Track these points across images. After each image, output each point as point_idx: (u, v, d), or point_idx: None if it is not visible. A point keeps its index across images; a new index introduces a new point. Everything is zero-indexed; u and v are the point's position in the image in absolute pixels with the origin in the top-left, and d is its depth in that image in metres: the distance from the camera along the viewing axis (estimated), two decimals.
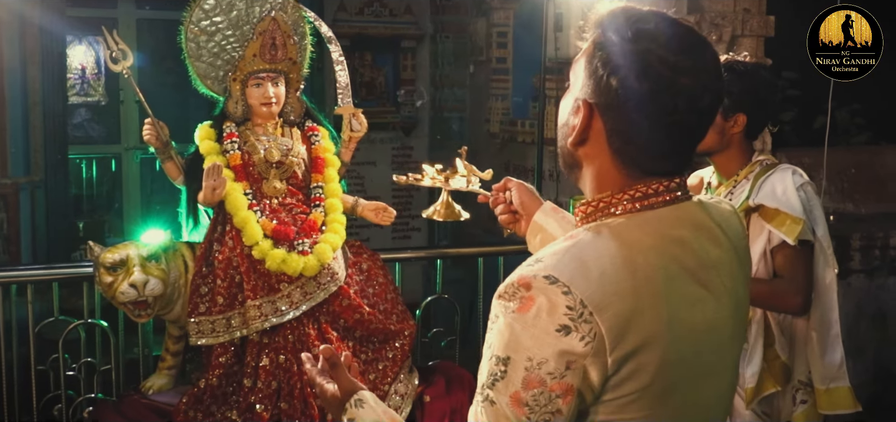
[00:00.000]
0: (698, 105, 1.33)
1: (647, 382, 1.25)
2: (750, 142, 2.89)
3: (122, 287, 3.12)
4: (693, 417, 1.35)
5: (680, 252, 1.33)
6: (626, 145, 1.35)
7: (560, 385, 1.22)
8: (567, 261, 1.26)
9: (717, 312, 1.36)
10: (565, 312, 1.21)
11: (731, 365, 1.45)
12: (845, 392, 2.82)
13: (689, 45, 1.34)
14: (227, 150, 3.30)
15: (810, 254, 2.75)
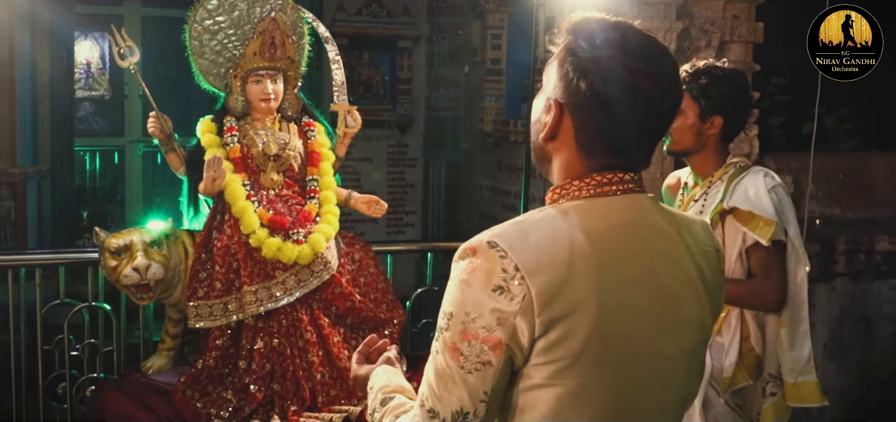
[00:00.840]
0: (657, 109, 1.48)
1: (578, 349, 1.38)
2: (725, 144, 3.02)
3: (126, 271, 3.27)
4: (635, 393, 1.46)
5: (622, 236, 1.47)
6: (591, 142, 1.49)
7: (491, 339, 1.37)
8: (511, 231, 1.42)
9: (660, 297, 1.48)
10: (501, 275, 1.36)
11: (683, 351, 1.53)
12: (812, 386, 2.95)
13: (651, 55, 1.49)
14: (227, 143, 3.45)
15: (784, 253, 2.89)
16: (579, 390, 1.41)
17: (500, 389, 1.41)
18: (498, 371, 1.39)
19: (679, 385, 1.55)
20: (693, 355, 1.57)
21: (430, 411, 1.43)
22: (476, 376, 1.39)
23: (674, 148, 3.02)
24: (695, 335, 1.56)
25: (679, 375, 1.54)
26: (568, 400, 1.41)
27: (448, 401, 1.41)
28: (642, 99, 1.46)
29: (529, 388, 1.42)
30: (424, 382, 1.46)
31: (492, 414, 1.43)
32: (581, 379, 1.40)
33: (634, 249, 1.48)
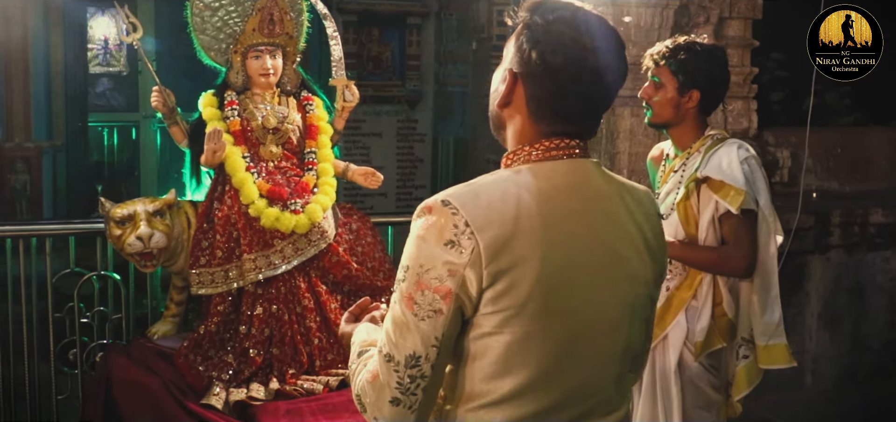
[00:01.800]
0: (602, 80, 1.62)
1: (523, 299, 1.52)
2: (704, 117, 3.12)
3: (130, 239, 3.42)
4: (577, 341, 1.59)
5: (566, 197, 1.60)
6: (541, 109, 1.62)
7: (442, 288, 1.51)
8: (464, 191, 1.56)
9: (602, 254, 1.61)
10: (452, 230, 1.51)
11: (624, 304, 1.66)
12: (782, 348, 3.07)
13: (598, 31, 1.62)
14: (228, 116, 3.59)
15: (754, 222, 3.00)
16: (525, 337, 1.54)
17: (450, 336, 1.55)
18: (448, 319, 1.52)
19: (621, 336, 1.67)
20: (634, 309, 1.69)
21: (387, 355, 1.57)
22: (428, 323, 1.53)
23: (654, 120, 3.13)
24: (636, 291, 1.69)
25: (620, 326, 1.67)
26: (515, 346, 1.54)
27: (403, 346, 1.55)
28: (588, 70, 1.59)
29: (480, 336, 1.56)
30: (383, 330, 1.60)
31: (442, 359, 1.56)
32: (526, 327, 1.54)
33: (578, 209, 1.61)
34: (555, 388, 1.59)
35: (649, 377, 3.16)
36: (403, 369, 1.55)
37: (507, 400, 1.58)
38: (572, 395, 1.62)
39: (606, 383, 1.67)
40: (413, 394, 1.55)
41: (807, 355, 5.70)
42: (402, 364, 1.55)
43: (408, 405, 1.56)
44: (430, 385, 1.56)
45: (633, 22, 5.07)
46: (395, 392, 1.56)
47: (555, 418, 1.60)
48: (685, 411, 3.11)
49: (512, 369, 1.56)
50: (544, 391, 1.58)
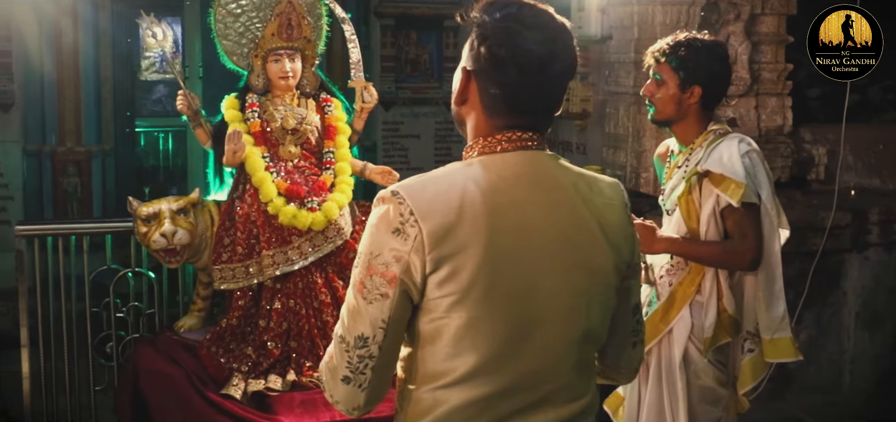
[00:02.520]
0: (548, 71, 1.67)
1: (466, 284, 1.59)
2: (707, 113, 3.15)
3: (155, 236, 3.58)
4: (527, 326, 1.65)
5: (514, 187, 1.66)
6: (494, 103, 1.70)
7: (388, 274, 1.60)
8: (414, 182, 1.65)
9: (555, 242, 1.67)
10: (399, 218, 1.60)
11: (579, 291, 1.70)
12: (787, 342, 3.07)
13: (544, 24, 1.68)
14: (248, 118, 3.72)
15: (757, 215, 3.01)
16: (472, 321, 1.61)
17: (397, 318, 1.63)
18: (393, 302, 1.61)
19: (577, 323, 1.71)
20: (592, 296, 1.73)
21: (340, 337, 1.67)
22: (375, 307, 1.62)
23: (657, 117, 3.17)
24: (593, 279, 1.73)
25: (576, 313, 1.71)
26: (464, 330, 1.62)
27: (353, 328, 1.65)
28: (533, 62, 1.65)
29: (433, 320, 1.64)
30: (341, 313, 1.69)
31: (390, 341, 1.65)
32: (472, 312, 1.61)
33: (529, 199, 1.67)
34: (506, 371, 1.65)
35: (655, 372, 3.19)
36: (353, 350, 1.64)
37: (461, 381, 1.65)
38: (526, 379, 1.67)
39: (564, 369, 1.71)
40: (362, 373, 1.64)
41: (845, 355, 5.63)
42: (352, 345, 1.64)
43: (358, 384, 1.65)
44: (379, 365, 1.65)
45: (659, 19, 5.08)
46: (346, 371, 1.65)
47: (509, 401, 1.67)
48: (691, 405, 3.13)
49: (463, 352, 1.63)
50: (496, 374, 1.64)
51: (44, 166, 6.82)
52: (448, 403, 1.66)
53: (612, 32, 5.56)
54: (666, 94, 3.11)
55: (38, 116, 6.83)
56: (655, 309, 3.15)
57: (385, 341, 1.64)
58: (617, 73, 5.52)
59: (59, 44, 6.73)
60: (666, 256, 3.17)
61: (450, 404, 1.66)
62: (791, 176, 5.78)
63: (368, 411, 1.70)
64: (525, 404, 1.68)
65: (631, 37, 5.21)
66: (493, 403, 1.66)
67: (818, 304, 5.52)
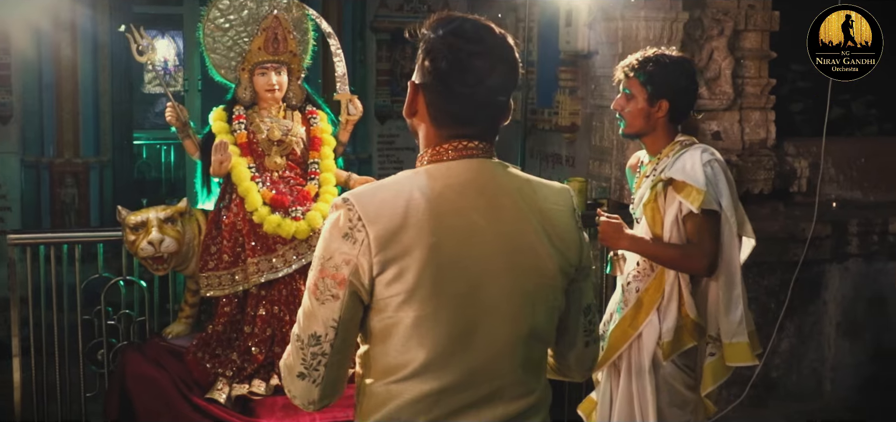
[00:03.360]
0: (487, 81, 1.77)
1: (412, 285, 1.69)
2: (674, 125, 3.26)
3: (142, 244, 3.69)
4: (473, 323, 1.75)
5: (459, 193, 1.76)
6: (440, 115, 1.80)
7: (338, 276, 1.70)
8: (365, 190, 1.77)
9: (499, 244, 1.77)
10: (349, 224, 1.70)
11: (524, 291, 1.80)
12: (745, 346, 3.17)
13: (484, 36, 1.78)
14: (235, 129, 3.84)
15: (717, 222, 3.12)
16: (419, 320, 1.71)
17: (348, 318, 1.73)
18: (343, 303, 1.71)
19: (522, 322, 1.81)
20: (537, 297, 1.83)
21: (296, 336, 1.78)
22: (327, 307, 1.72)
23: (628, 130, 3.28)
24: (539, 280, 1.83)
25: (522, 313, 1.81)
26: (412, 328, 1.72)
27: (307, 328, 1.75)
28: (476, 74, 1.75)
29: (383, 319, 1.74)
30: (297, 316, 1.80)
31: (342, 339, 1.75)
32: (419, 311, 1.71)
33: (474, 205, 1.77)
34: (455, 367, 1.75)
35: (626, 376, 3.29)
36: (307, 348, 1.75)
37: (412, 376, 1.75)
38: (474, 375, 1.76)
39: (511, 366, 1.81)
40: (316, 370, 1.75)
41: (826, 364, 5.72)
42: (307, 343, 1.75)
43: (312, 380, 1.76)
44: (331, 363, 1.75)
45: (642, 35, 5.19)
46: (301, 368, 1.76)
47: (460, 395, 1.76)
48: (660, 409, 3.22)
49: (413, 348, 1.73)
50: (445, 369, 1.74)
51: (42, 177, 6.93)
52: (402, 396, 1.75)
53: (598, 48, 5.67)
54: (635, 108, 3.22)
55: (37, 127, 6.95)
56: (624, 315, 3.25)
57: (336, 339, 1.74)
58: (602, 88, 5.63)
59: (57, 57, 6.86)
60: (633, 263, 3.27)
61: (403, 398, 1.75)
62: (773, 188, 5.88)
63: (324, 405, 1.81)
64: (475, 399, 1.77)
65: (616, 52, 5.31)
66: (445, 397, 1.75)
67: (799, 313, 5.62)
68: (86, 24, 6.87)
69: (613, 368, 3.33)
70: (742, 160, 5.76)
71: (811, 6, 5.77)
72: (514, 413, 1.82)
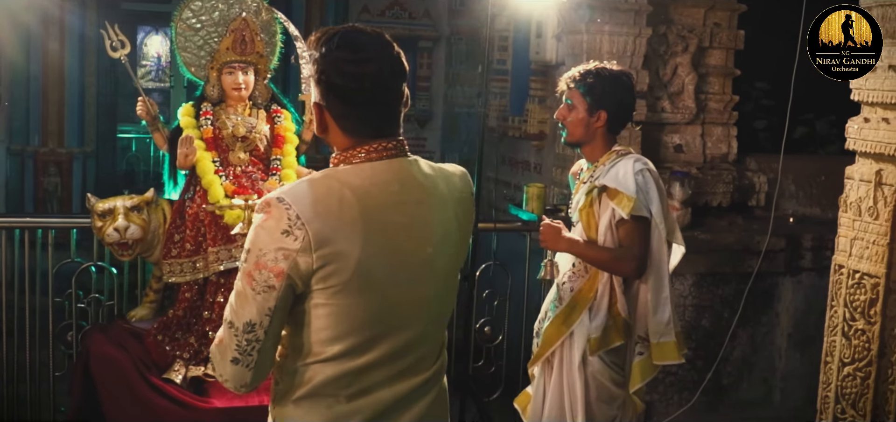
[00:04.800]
0: (382, 84, 1.93)
1: (347, 278, 1.86)
2: (612, 135, 3.44)
3: (108, 230, 3.87)
4: (398, 307, 1.95)
5: (383, 191, 1.93)
6: (348, 125, 1.96)
7: (276, 268, 1.84)
8: (296, 189, 1.90)
9: (420, 236, 1.96)
10: (287, 222, 1.84)
11: (441, 276, 2.02)
12: (672, 345, 3.36)
13: (364, 45, 1.93)
14: (202, 125, 4.02)
15: (647, 228, 3.30)
16: (348, 307, 1.89)
17: (282, 307, 1.88)
18: (279, 294, 1.86)
19: (440, 302, 2.06)
20: (450, 278, 2.08)
21: (230, 322, 1.91)
22: (262, 297, 1.86)
23: (569, 138, 3.47)
24: (450, 264, 2.07)
25: (439, 296, 2.04)
26: (342, 314, 1.90)
27: (242, 315, 1.88)
28: (366, 80, 1.91)
29: (314, 306, 1.90)
30: (229, 302, 1.94)
31: (275, 327, 1.90)
32: (350, 299, 1.89)
33: (396, 200, 1.94)
34: (376, 348, 1.94)
35: (557, 372, 3.48)
36: (241, 334, 1.88)
37: (334, 358, 1.93)
38: (393, 353, 1.96)
39: (425, 343, 2.03)
40: (249, 355, 1.89)
41: (776, 373, 5.91)
42: (241, 330, 1.88)
43: (246, 364, 1.90)
44: (264, 348, 1.90)
45: (606, 48, 5.38)
46: (235, 353, 1.90)
47: (378, 372, 1.96)
48: (589, 403, 3.41)
49: (337, 333, 1.91)
50: (365, 350, 1.93)
51: (26, 166, 7.13)
52: (323, 373, 1.93)
53: (565, 60, 5.86)
54: (575, 118, 3.40)
55: (23, 117, 7.15)
56: (558, 312, 3.43)
57: (270, 326, 1.88)
58: None
59: (45, 50, 7.06)
60: (569, 264, 3.46)
61: (326, 374, 1.93)
62: (732, 202, 6.07)
63: (254, 388, 1.96)
64: (392, 374, 1.97)
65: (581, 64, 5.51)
66: (364, 373, 1.94)
67: (752, 323, 5.81)
68: (73, 19, 7.08)
69: (547, 363, 3.52)
70: (702, 173, 5.96)
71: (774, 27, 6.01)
72: (423, 381, 2.03)
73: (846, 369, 3.30)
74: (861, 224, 3.25)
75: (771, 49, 6.21)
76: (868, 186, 3.24)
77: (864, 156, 3.35)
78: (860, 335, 3.21)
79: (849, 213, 3.35)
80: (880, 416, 3.15)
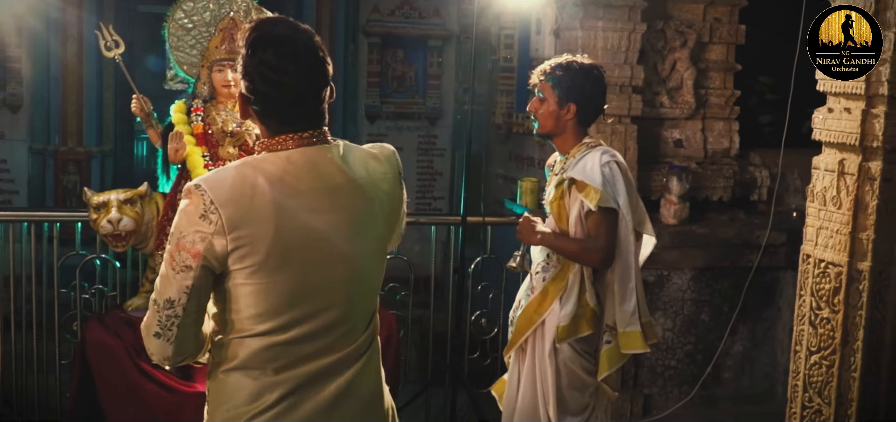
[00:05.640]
0: (301, 79, 2.04)
1: (261, 259, 1.99)
2: (583, 127, 3.51)
3: (102, 222, 4.02)
4: (319, 286, 2.06)
5: (298, 178, 2.04)
6: (268, 118, 2.09)
7: (193, 250, 1.98)
8: (213, 177, 2.03)
9: (339, 218, 2.07)
10: (203, 207, 1.97)
11: (364, 255, 2.13)
12: (637, 335, 3.42)
13: (284, 41, 2.03)
14: (193, 121, 4.16)
15: (614, 219, 3.37)
16: (267, 286, 2.02)
17: (199, 287, 2.01)
18: (195, 273, 1.99)
19: (360, 282, 2.15)
20: (372, 258, 2.18)
21: (154, 300, 2.06)
22: (181, 276, 1.99)
23: (540, 131, 3.55)
24: (372, 244, 2.17)
25: (358, 275, 2.15)
26: (262, 293, 2.02)
27: (163, 293, 2.03)
28: (286, 86, 2.03)
29: (235, 285, 2.03)
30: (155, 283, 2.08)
31: (193, 304, 2.02)
32: (266, 279, 2.01)
33: (313, 186, 2.06)
34: (297, 325, 2.05)
35: (530, 359, 3.56)
36: (162, 311, 2.02)
37: (259, 334, 2.05)
38: (315, 330, 2.08)
39: (350, 319, 2.14)
40: (169, 330, 2.03)
41: (778, 368, 5.91)
42: (162, 307, 2.02)
43: (167, 339, 2.04)
44: (183, 324, 2.03)
45: (600, 45, 5.44)
46: (157, 328, 2.04)
47: (302, 347, 2.07)
48: (560, 390, 3.49)
49: (259, 311, 2.03)
50: (287, 327, 2.05)
51: (47, 164, 7.35)
52: (253, 347, 2.06)
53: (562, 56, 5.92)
54: (546, 110, 3.48)
55: (44, 117, 7.38)
56: (530, 301, 3.51)
57: (188, 304, 2.01)
58: None
59: (64, 51, 7.29)
60: (543, 254, 3.53)
61: (253, 348, 2.06)
62: (733, 196, 6.09)
63: (178, 361, 2.10)
64: (317, 349, 2.09)
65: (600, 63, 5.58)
66: (290, 347, 2.06)
67: (753, 318, 5.82)
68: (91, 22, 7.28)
69: (521, 351, 3.60)
70: (702, 168, 5.98)
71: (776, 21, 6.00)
72: (349, 354, 2.14)
73: (813, 357, 3.33)
74: (826, 213, 3.28)
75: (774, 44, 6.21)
76: (832, 176, 3.28)
77: (829, 146, 3.39)
78: (825, 324, 3.25)
79: (815, 203, 3.39)
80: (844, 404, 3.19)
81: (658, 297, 5.61)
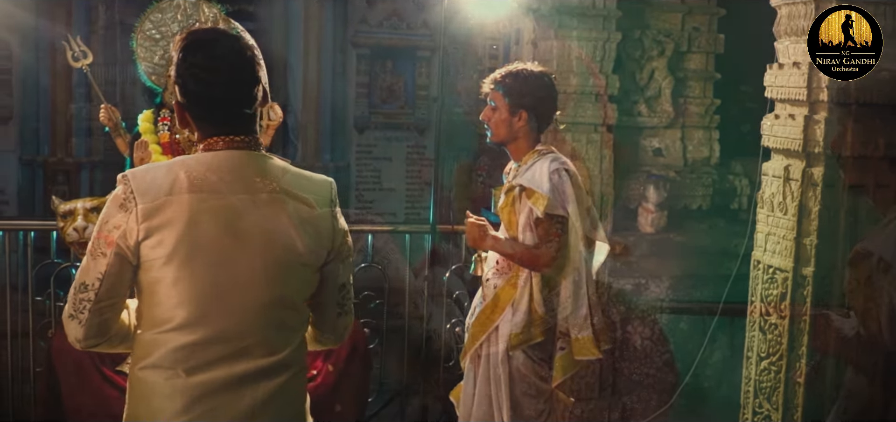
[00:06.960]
0: (231, 85, 2.11)
1: (170, 251, 2.03)
2: (536, 134, 3.53)
3: (69, 230, 4.06)
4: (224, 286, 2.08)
5: (218, 179, 2.09)
6: (201, 122, 2.15)
7: (109, 238, 2.05)
8: (142, 169, 2.12)
9: (251, 222, 2.10)
10: (123, 197, 2.05)
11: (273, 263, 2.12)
12: (589, 340, 3.42)
13: (212, 46, 2.11)
14: (159, 130, 4.20)
15: (563, 226, 3.38)
16: (178, 280, 2.06)
17: (113, 273, 2.07)
18: (109, 261, 2.06)
19: (271, 290, 2.15)
20: (287, 271, 2.17)
21: (73, 285, 2.12)
22: (97, 262, 2.07)
23: (493, 138, 3.57)
24: (286, 257, 2.16)
25: (271, 282, 2.14)
26: (173, 287, 2.06)
27: (80, 276, 2.10)
28: (217, 86, 2.10)
29: (149, 277, 2.08)
30: None
31: (105, 290, 2.07)
32: (177, 273, 2.05)
33: (232, 187, 2.10)
34: (208, 324, 2.09)
35: (485, 366, 3.57)
36: (76, 293, 2.10)
37: (173, 329, 2.09)
38: (226, 333, 2.10)
39: (261, 328, 2.14)
40: (81, 312, 2.09)
41: None
42: (77, 290, 2.10)
43: (79, 321, 2.10)
44: (95, 309, 2.09)
45: (575, 54, 5.47)
46: (71, 310, 2.11)
47: (214, 348, 2.10)
48: (515, 397, 3.50)
49: (173, 305, 2.07)
50: (199, 326, 2.08)
51: (36, 174, 7.43)
52: (166, 345, 2.09)
53: None
54: (498, 119, 3.50)
55: (33, 128, 7.46)
56: (483, 308, 3.53)
57: (101, 289, 2.07)
58: None
59: (54, 63, 7.36)
60: (493, 261, 3.56)
61: (167, 346, 2.09)
62: (713, 204, 6.09)
63: (90, 345, 2.14)
64: (228, 353, 2.11)
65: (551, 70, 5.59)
66: (199, 349, 2.09)
67: (733, 327, 5.80)
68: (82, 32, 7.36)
69: (476, 357, 3.61)
70: (681, 177, 6.00)
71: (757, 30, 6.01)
72: (264, 367, 2.14)
73: (763, 363, 3.34)
74: (773, 219, 3.29)
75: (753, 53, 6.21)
76: (779, 182, 3.29)
77: (776, 152, 3.40)
78: (773, 329, 3.26)
79: (764, 209, 3.40)
80: (790, 409, 3.19)
81: (636, 305, 5.61)
